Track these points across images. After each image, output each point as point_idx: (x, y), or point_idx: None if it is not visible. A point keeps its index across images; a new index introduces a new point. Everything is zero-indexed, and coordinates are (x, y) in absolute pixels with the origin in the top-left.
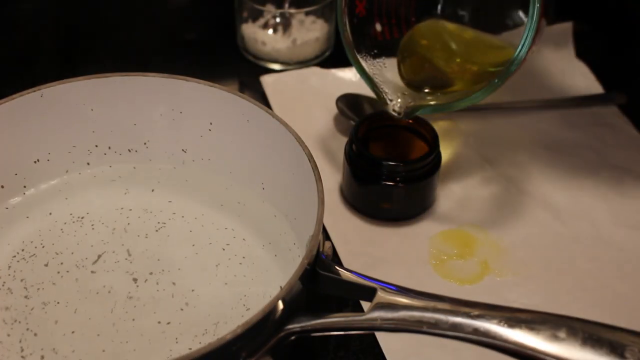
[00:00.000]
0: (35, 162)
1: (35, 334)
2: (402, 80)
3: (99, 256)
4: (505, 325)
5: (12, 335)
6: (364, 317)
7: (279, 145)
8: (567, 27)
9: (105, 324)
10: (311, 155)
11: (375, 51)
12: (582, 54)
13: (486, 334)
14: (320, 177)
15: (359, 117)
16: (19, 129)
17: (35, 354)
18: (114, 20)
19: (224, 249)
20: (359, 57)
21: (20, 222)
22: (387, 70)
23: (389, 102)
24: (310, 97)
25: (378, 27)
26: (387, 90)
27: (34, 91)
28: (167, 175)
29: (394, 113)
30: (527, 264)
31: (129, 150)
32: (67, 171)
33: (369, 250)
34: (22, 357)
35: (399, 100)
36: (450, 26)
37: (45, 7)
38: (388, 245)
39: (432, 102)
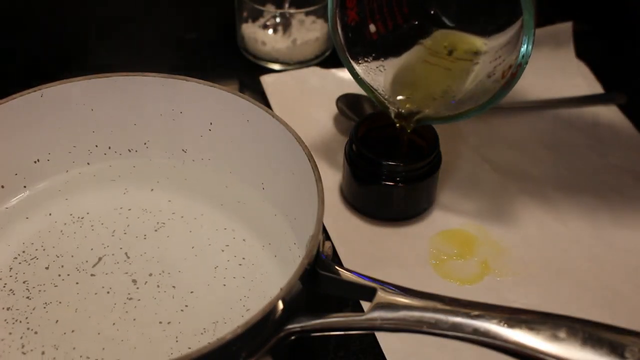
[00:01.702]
0: (35, 162)
1: (36, 333)
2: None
3: (99, 259)
4: (505, 325)
5: (14, 333)
6: (364, 317)
7: (279, 145)
8: (567, 27)
9: (106, 324)
10: (311, 155)
11: (373, 55)
12: (582, 54)
13: (486, 334)
14: (320, 177)
15: (359, 117)
16: (19, 129)
17: (36, 350)
18: (114, 20)
19: (223, 250)
20: (357, 67)
21: (20, 222)
22: (387, 74)
23: (392, 110)
24: (310, 97)
25: (372, 27)
26: (389, 99)
27: (34, 91)
28: (167, 175)
29: (399, 120)
30: (527, 264)
31: (129, 150)
32: (67, 171)
33: (369, 250)
34: (23, 353)
35: (406, 105)
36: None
37: (45, 7)
38: (388, 245)
39: (441, 115)
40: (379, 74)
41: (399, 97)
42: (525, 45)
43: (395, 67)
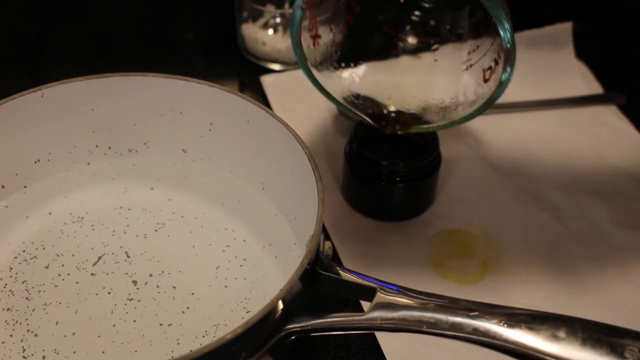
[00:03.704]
0: (35, 162)
1: (36, 335)
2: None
3: (99, 258)
4: (505, 325)
5: (14, 336)
6: (364, 317)
7: (279, 145)
8: (567, 27)
9: (106, 325)
10: (311, 155)
11: (343, 63)
12: (582, 54)
13: (486, 333)
14: (320, 177)
15: None
16: (19, 129)
17: (37, 354)
18: (113, 20)
19: (224, 251)
20: (330, 82)
21: (20, 222)
22: (362, 76)
23: (374, 124)
24: (310, 97)
25: (338, 36)
26: (375, 103)
27: (34, 91)
28: (167, 174)
29: (380, 125)
30: (527, 264)
31: (129, 150)
32: (67, 171)
33: (369, 250)
34: (24, 357)
35: (391, 107)
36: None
37: (44, 6)
38: (388, 245)
39: (433, 124)
40: (355, 78)
41: (381, 99)
42: (503, 33)
43: (370, 69)
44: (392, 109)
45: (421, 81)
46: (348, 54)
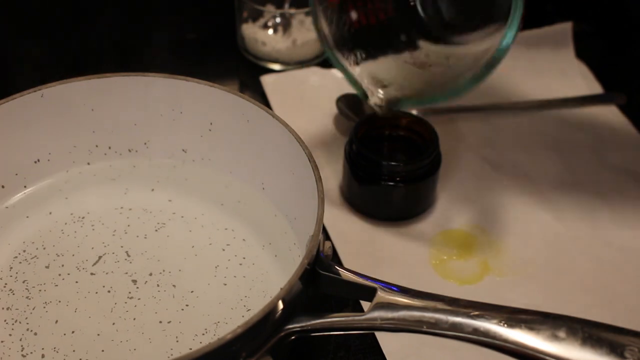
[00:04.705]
0: (35, 162)
1: (36, 334)
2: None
3: (100, 257)
4: (505, 325)
5: (13, 335)
6: (364, 317)
7: (279, 145)
8: (567, 27)
9: (106, 324)
10: (311, 155)
11: (351, 45)
12: (582, 54)
13: (486, 334)
14: (320, 177)
15: (359, 117)
16: (19, 129)
17: (36, 353)
18: (114, 20)
19: (224, 250)
20: (336, 51)
21: (20, 222)
22: (365, 64)
23: (369, 95)
24: (310, 97)
25: (354, 14)
26: (367, 86)
27: (34, 91)
28: (167, 175)
29: (376, 107)
30: (527, 264)
31: (129, 151)
32: (67, 171)
33: (369, 250)
34: (23, 355)
35: (380, 93)
36: None
37: (44, 4)
38: (388, 245)
39: (415, 95)
40: (359, 63)
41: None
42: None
43: (374, 61)
44: (383, 95)
45: (418, 83)
46: (359, 39)
